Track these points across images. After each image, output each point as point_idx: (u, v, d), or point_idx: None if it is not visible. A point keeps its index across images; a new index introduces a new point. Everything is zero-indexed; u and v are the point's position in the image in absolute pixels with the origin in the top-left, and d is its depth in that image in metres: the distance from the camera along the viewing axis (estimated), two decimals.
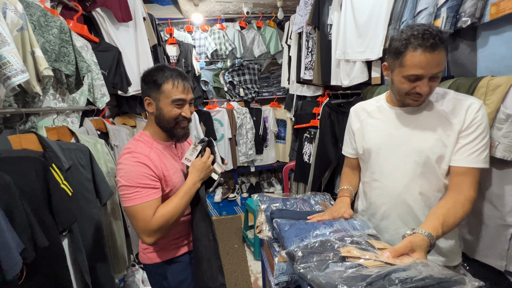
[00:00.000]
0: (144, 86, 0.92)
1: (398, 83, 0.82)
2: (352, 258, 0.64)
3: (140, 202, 0.83)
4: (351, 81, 1.73)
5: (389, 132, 0.92)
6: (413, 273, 0.53)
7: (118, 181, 0.85)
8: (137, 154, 0.86)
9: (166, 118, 0.92)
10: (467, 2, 0.99)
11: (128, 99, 1.73)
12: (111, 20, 1.48)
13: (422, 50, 0.73)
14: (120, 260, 1.35)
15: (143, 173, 0.85)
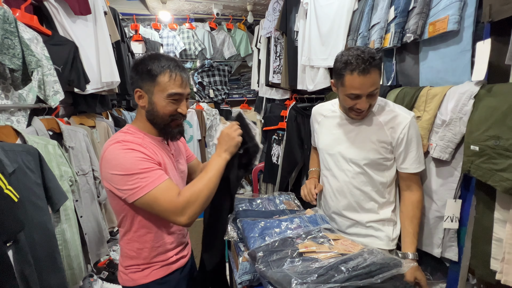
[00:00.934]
0: (135, 76, 0.80)
1: (342, 100, 0.98)
2: (309, 253, 0.69)
3: (153, 186, 0.72)
4: (315, 86, 1.83)
5: (337, 136, 1.07)
6: (359, 261, 0.59)
7: (111, 175, 0.73)
8: (127, 143, 0.76)
9: (160, 114, 0.81)
10: (411, 20, 1.12)
11: (86, 98, 1.61)
12: (66, 12, 1.37)
13: (357, 73, 0.85)
14: (76, 271, 1.25)
15: (140, 158, 0.74)
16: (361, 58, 0.84)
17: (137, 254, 0.85)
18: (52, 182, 1.06)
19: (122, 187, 0.73)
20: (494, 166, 0.83)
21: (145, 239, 0.84)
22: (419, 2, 1.07)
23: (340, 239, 0.75)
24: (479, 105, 0.88)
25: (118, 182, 0.73)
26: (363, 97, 0.90)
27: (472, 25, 0.94)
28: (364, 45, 1.41)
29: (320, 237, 0.76)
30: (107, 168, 0.75)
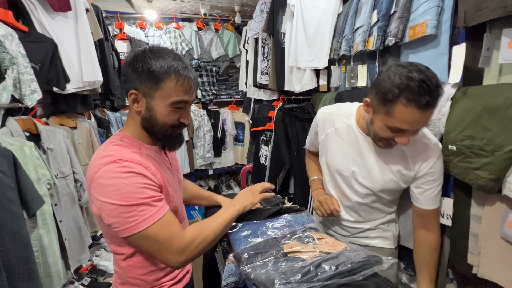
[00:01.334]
0: (132, 75, 0.66)
1: (378, 128, 0.77)
2: (294, 253, 0.69)
3: (155, 220, 0.62)
4: (302, 87, 1.85)
5: (352, 157, 0.92)
6: (342, 259, 0.59)
7: (102, 203, 0.61)
8: (126, 162, 0.63)
9: (160, 124, 0.69)
10: (392, 24, 1.15)
11: (66, 97, 1.55)
12: (45, 8, 1.32)
13: (416, 107, 0.65)
14: (54, 278, 1.19)
15: (141, 185, 0.63)
16: (427, 87, 0.63)
17: (142, 280, 0.75)
18: (28, 186, 1.01)
19: (114, 219, 0.61)
20: (470, 165, 0.87)
21: (148, 262, 0.74)
22: (400, 6, 1.11)
23: (324, 238, 0.76)
24: (456, 106, 0.92)
25: (111, 213, 0.61)
26: (407, 133, 0.72)
27: (449, 30, 0.98)
28: (349, 47, 1.44)
29: (305, 236, 0.76)
30: (99, 194, 0.62)
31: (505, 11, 0.73)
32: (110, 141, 0.70)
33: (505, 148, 0.76)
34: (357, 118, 0.92)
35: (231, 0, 2.70)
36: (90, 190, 0.64)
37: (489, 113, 0.80)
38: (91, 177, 0.63)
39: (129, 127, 0.74)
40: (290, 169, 2.19)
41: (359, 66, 1.43)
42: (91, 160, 0.67)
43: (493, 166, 0.79)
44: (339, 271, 0.56)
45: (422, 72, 0.65)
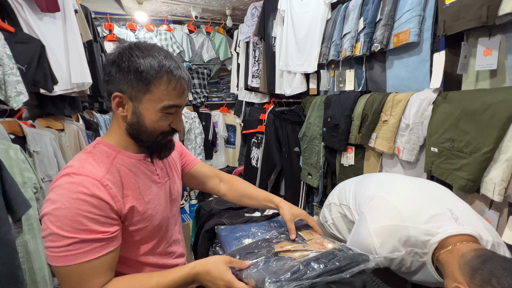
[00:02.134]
0: (116, 75, 0.58)
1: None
2: (284, 252, 0.70)
3: (75, 261, 0.52)
4: (292, 91, 1.89)
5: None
6: (330, 257, 0.62)
7: (43, 221, 0.53)
8: (80, 177, 0.54)
9: (149, 130, 0.62)
10: (378, 31, 1.20)
11: (54, 99, 1.52)
12: (32, 9, 1.29)
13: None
14: (40, 284, 1.16)
15: (86, 213, 0.53)
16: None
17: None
18: (13, 190, 0.98)
19: (45, 242, 0.52)
20: (450, 166, 0.92)
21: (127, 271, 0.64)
22: (384, 14, 1.16)
23: (314, 237, 0.78)
24: (437, 110, 0.96)
25: (45, 230, 0.52)
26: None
27: (430, 38, 1.03)
28: (337, 52, 1.48)
29: (296, 236, 0.78)
30: (45, 207, 0.53)
31: (480, 22, 0.78)
32: (86, 148, 0.64)
33: (481, 150, 0.81)
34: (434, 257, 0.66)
35: (223, 4, 2.72)
36: (44, 201, 0.55)
37: (467, 117, 0.85)
38: (50, 187, 0.56)
39: (111, 134, 0.66)
40: (281, 171, 2.22)
41: (347, 70, 1.48)
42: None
43: (471, 167, 0.84)
44: (327, 269, 0.58)
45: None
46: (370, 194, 0.83)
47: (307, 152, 1.79)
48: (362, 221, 0.76)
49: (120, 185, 0.60)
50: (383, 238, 0.69)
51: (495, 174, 0.78)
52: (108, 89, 0.61)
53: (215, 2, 2.66)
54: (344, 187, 1.05)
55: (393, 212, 0.71)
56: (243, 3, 2.68)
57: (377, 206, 0.77)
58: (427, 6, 1.03)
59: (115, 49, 0.60)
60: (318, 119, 1.67)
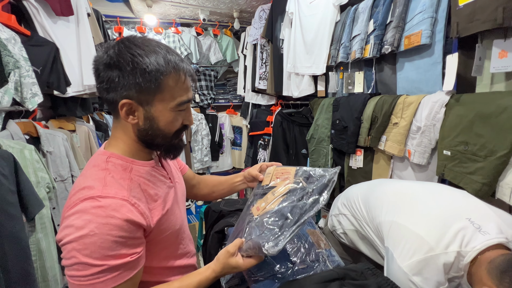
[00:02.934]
0: (120, 80, 0.52)
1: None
2: (261, 211, 0.70)
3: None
4: (300, 93, 1.88)
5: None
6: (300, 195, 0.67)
7: (67, 249, 0.49)
8: (107, 200, 0.51)
9: (164, 133, 0.58)
10: (388, 33, 1.19)
11: (66, 100, 1.56)
12: (47, 13, 1.33)
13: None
14: (51, 283, 1.18)
15: (116, 238, 0.50)
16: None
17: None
18: (28, 189, 1.01)
19: (66, 269, 0.50)
20: (464, 170, 0.90)
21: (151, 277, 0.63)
22: (395, 16, 1.15)
23: (275, 179, 0.76)
24: (450, 113, 0.95)
25: (64, 260, 0.50)
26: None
27: (442, 40, 1.02)
28: (346, 54, 1.48)
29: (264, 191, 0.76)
30: (64, 233, 0.49)
31: (495, 24, 0.77)
32: (94, 164, 0.57)
33: (497, 153, 0.80)
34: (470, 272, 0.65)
35: (230, 7, 2.74)
36: (62, 227, 0.51)
37: (482, 120, 0.84)
38: (64, 211, 0.51)
39: (117, 143, 0.60)
40: None
41: (356, 72, 1.47)
42: (71, 190, 0.55)
43: (486, 171, 0.83)
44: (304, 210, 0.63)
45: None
46: (386, 220, 0.80)
47: (315, 154, 1.78)
48: (390, 259, 0.73)
49: (144, 200, 0.58)
50: (420, 273, 0.66)
51: (511, 178, 0.77)
52: (109, 98, 0.54)
53: (223, 5, 2.68)
54: (351, 197, 1.02)
55: (418, 243, 0.68)
56: (251, 5, 2.70)
57: (399, 237, 0.73)
58: (439, 7, 1.02)
59: (105, 50, 0.53)
60: (326, 121, 1.66)
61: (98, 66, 0.54)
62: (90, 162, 0.60)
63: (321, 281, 0.57)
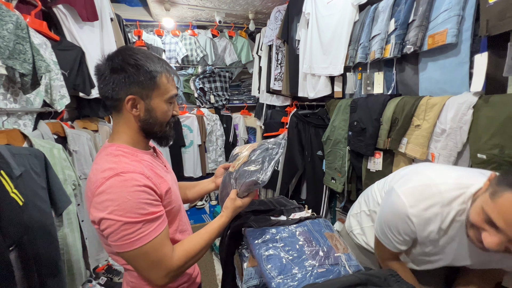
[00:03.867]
0: (126, 80, 0.64)
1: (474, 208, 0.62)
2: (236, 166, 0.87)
3: (150, 239, 0.62)
4: (316, 94, 1.86)
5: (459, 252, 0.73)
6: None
7: (108, 220, 0.59)
8: (129, 174, 0.61)
9: (160, 121, 0.71)
10: (411, 32, 1.16)
11: (90, 102, 1.63)
12: (74, 18, 1.40)
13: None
14: (76, 276, 1.24)
15: (145, 200, 0.62)
16: None
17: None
18: (57, 186, 1.06)
19: (112, 235, 0.60)
20: None
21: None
22: (418, 15, 1.12)
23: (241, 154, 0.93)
24: (478, 114, 0.91)
25: (111, 227, 0.60)
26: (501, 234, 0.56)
27: (469, 38, 0.98)
28: (365, 55, 1.45)
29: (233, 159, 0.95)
30: (100, 209, 0.59)
31: None
32: (106, 153, 0.67)
33: None
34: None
35: (246, 8, 2.76)
36: (91, 205, 0.61)
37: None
38: (93, 192, 0.61)
39: (121, 136, 0.71)
40: (302, 174, 2.19)
41: (375, 73, 1.44)
42: (90, 175, 0.65)
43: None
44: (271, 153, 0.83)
45: None
46: (401, 173, 0.83)
47: (331, 156, 1.75)
48: (390, 190, 0.76)
49: (153, 176, 0.69)
50: (414, 197, 0.67)
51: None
52: (115, 97, 0.66)
53: (239, 6, 2.71)
54: (369, 192, 1.03)
55: (422, 177, 0.71)
56: (266, 7, 2.71)
57: (407, 176, 0.77)
58: (466, 5, 0.98)
59: (107, 60, 0.66)
60: (343, 122, 1.63)
61: (103, 72, 0.66)
62: (100, 154, 0.69)
63: (342, 286, 0.56)
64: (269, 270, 0.74)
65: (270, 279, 0.71)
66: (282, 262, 0.75)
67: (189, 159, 3.08)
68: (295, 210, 1.09)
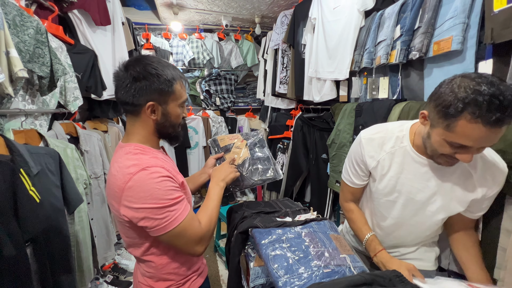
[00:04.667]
0: (148, 88, 0.70)
1: (436, 143, 0.69)
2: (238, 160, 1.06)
3: (183, 217, 0.72)
4: (321, 98, 1.89)
5: (410, 184, 0.82)
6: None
7: (137, 209, 0.66)
8: (153, 168, 0.69)
9: (173, 124, 0.78)
10: (416, 39, 1.18)
11: (101, 103, 1.67)
12: (88, 23, 1.45)
13: (483, 123, 0.57)
14: (85, 273, 1.27)
15: (171, 188, 0.70)
16: (498, 102, 0.55)
17: (175, 272, 0.83)
18: (70, 185, 1.10)
19: (149, 221, 0.68)
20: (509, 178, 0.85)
21: (180, 256, 0.82)
22: (424, 22, 1.14)
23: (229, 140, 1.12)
24: None
25: (147, 216, 0.67)
26: (471, 150, 0.63)
27: (474, 46, 1.00)
28: (371, 60, 1.47)
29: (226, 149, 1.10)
30: (134, 201, 0.67)
31: None
32: (125, 152, 0.73)
33: None
34: (412, 139, 0.81)
35: (252, 12, 2.81)
36: (121, 199, 0.67)
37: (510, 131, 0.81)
38: (122, 188, 0.67)
39: (135, 136, 0.77)
40: (306, 177, 2.21)
41: (381, 78, 1.46)
42: (113, 173, 0.71)
43: None
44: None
45: (493, 85, 0.56)
46: None
47: (336, 159, 1.77)
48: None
49: (170, 170, 0.76)
50: (368, 129, 0.89)
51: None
52: (136, 102, 0.72)
53: (245, 11, 2.75)
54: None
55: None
56: (272, 11, 2.75)
57: None
58: (472, 13, 1.00)
59: (126, 69, 0.71)
60: (348, 126, 1.65)
61: (124, 80, 0.71)
62: (119, 153, 0.75)
63: (348, 285, 0.58)
64: (276, 270, 0.76)
65: (277, 278, 0.73)
66: (288, 262, 0.77)
67: (194, 160, 3.12)
68: (300, 212, 1.11)
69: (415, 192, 0.82)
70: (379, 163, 0.85)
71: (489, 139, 0.60)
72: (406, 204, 0.85)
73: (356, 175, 0.93)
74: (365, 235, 0.90)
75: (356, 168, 0.91)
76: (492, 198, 0.80)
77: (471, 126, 0.59)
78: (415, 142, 0.80)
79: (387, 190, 0.86)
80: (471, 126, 0.59)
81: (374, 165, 0.86)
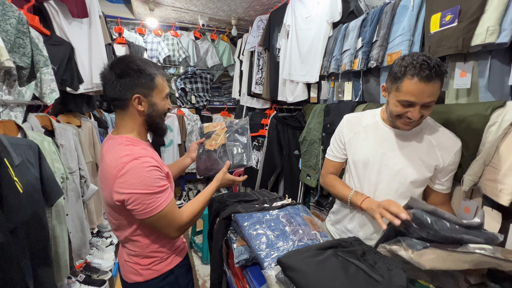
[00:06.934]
0: (132, 82, 0.79)
1: (392, 105, 0.88)
2: (215, 146, 1.16)
3: (166, 204, 0.81)
4: (294, 98, 2.05)
5: (382, 151, 0.98)
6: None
7: (129, 194, 0.75)
8: (144, 158, 0.78)
9: (159, 114, 0.88)
10: (374, 50, 1.39)
11: (75, 97, 1.63)
12: (64, 14, 1.41)
13: (418, 79, 0.77)
14: (62, 268, 1.25)
15: (158, 176, 0.79)
16: (427, 64, 0.76)
17: (159, 250, 0.93)
18: (50, 177, 1.08)
19: (138, 205, 0.77)
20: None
21: (160, 238, 0.92)
22: (380, 37, 1.35)
23: (213, 127, 1.23)
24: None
25: (136, 200, 0.77)
26: (416, 106, 0.82)
27: None
28: (337, 66, 1.67)
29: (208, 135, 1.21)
30: (126, 187, 0.75)
31: (457, 50, 0.97)
32: (118, 143, 0.82)
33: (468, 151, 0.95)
34: (382, 116, 1.03)
35: (229, 14, 2.89)
36: (114, 185, 0.76)
37: (447, 127, 1.02)
38: (115, 175, 0.76)
39: (125, 129, 0.86)
40: (280, 172, 2.37)
41: (345, 82, 1.66)
42: (107, 161, 0.80)
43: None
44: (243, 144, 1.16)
45: (425, 55, 0.79)
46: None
47: (307, 155, 1.95)
48: None
49: (159, 161, 0.86)
50: (350, 114, 1.14)
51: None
52: (122, 96, 0.81)
53: (222, 12, 2.83)
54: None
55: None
56: (248, 15, 2.87)
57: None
58: (415, 32, 1.22)
59: (110, 67, 0.80)
60: (318, 125, 1.83)
61: (109, 78, 0.80)
62: (112, 145, 0.83)
63: (318, 248, 0.72)
64: (258, 245, 0.87)
65: (259, 251, 0.85)
66: (269, 238, 0.89)
67: (168, 158, 3.10)
68: (276, 200, 1.24)
69: (387, 159, 0.97)
70: (355, 134, 1.06)
71: (427, 93, 0.79)
72: (380, 170, 0.98)
73: (336, 149, 1.13)
74: (348, 193, 1.02)
75: (338, 141, 1.12)
76: (452, 171, 0.94)
77: (411, 82, 0.79)
78: (383, 117, 1.02)
79: (363, 159, 1.02)
80: (411, 82, 0.79)
81: (351, 136, 1.07)
